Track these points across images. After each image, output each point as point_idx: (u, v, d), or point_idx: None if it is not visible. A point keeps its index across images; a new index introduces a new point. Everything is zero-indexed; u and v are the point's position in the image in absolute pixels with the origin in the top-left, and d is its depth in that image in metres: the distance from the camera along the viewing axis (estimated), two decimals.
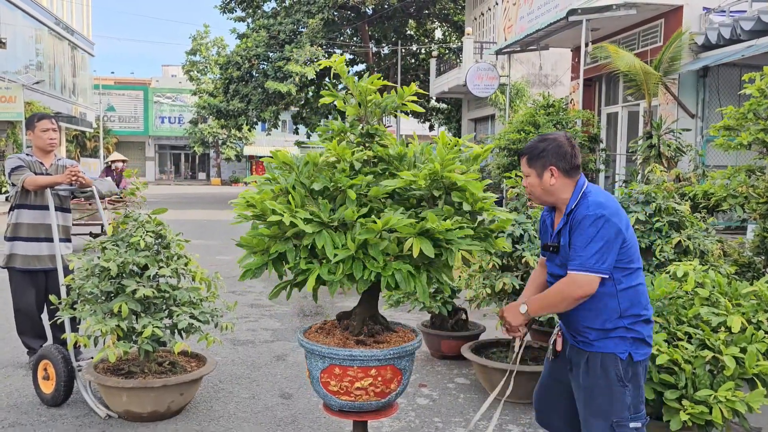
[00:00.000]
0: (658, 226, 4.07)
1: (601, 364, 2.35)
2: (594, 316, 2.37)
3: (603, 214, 2.27)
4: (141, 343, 3.28)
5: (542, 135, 2.51)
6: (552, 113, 11.43)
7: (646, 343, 2.38)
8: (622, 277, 2.34)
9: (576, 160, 2.45)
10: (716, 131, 7.18)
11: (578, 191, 2.41)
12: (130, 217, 3.60)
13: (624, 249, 2.32)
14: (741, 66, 11.40)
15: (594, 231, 2.26)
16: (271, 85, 20.94)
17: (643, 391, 2.42)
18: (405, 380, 2.44)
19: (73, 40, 31.38)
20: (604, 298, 2.33)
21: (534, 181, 2.45)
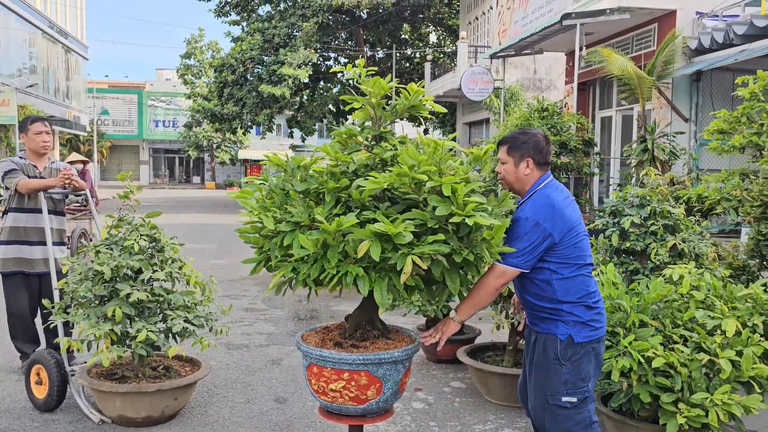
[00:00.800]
0: (653, 230, 4.08)
1: (544, 343, 2.62)
2: (535, 298, 2.63)
3: (534, 219, 2.53)
4: (135, 348, 3.26)
5: (523, 128, 2.81)
6: (546, 117, 11.44)
7: (588, 327, 2.57)
8: (560, 269, 2.57)
9: (548, 156, 2.73)
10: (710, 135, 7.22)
11: (533, 188, 2.66)
12: (124, 221, 3.58)
13: (563, 247, 2.56)
14: (734, 70, 11.46)
15: (521, 232, 2.53)
16: (265, 88, 20.91)
17: (587, 370, 2.57)
18: (386, 389, 2.38)
19: (66, 43, 31.28)
20: (541, 284, 2.60)
21: (510, 169, 2.70)
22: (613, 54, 10.79)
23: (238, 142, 43.80)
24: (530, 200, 2.62)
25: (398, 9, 24.35)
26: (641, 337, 2.97)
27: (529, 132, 2.76)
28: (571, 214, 2.62)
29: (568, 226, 2.57)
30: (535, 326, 2.71)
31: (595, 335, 2.59)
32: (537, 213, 2.55)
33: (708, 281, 3.41)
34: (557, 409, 2.57)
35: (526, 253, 2.53)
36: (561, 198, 2.64)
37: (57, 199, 4.32)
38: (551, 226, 2.53)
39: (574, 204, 2.72)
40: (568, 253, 2.58)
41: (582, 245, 2.62)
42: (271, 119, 23.52)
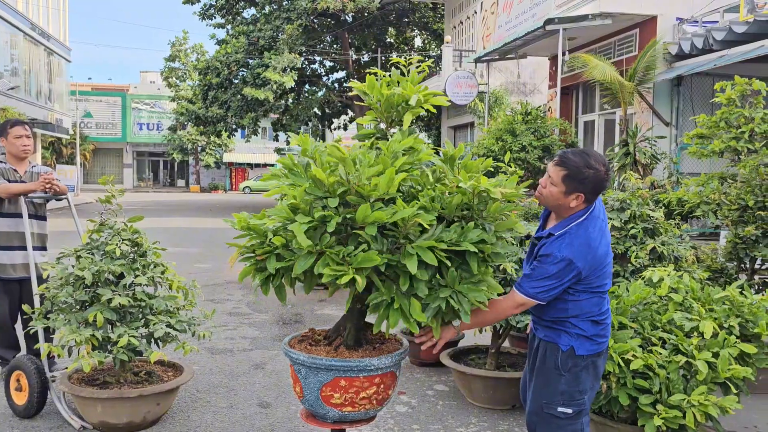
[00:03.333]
0: (633, 233, 4.13)
1: (546, 351, 2.57)
2: (545, 310, 2.56)
3: (569, 259, 2.39)
4: (116, 353, 3.24)
5: (588, 156, 2.48)
6: (530, 121, 11.54)
7: (591, 341, 2.52)
8: (579, 294, 2.49)
9: (602, 192, 2.52)
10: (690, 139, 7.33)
11: (574, 219, 2.47)
12: (105, 225, 3.56)
13: (588, 279, 2.45)
14: (714, 75, 11.62)
15: (554, 269, 2.41)
16: (249, 92, 20.86)
17: (585, 383, 2.53)
18: (391, 391, 2.38)
19: (49, 45, 30.95)
20: (555, 301, 2.51)
21: (557, 194, 2.47)
22: (594, 60, 10.92)
23: (222, 145, 43.61)
24: (568, 235, 2.45)
25: (383, 13, 24.41)
26: (620, 340, 3.01)
27: (595, 165, 2.43)
28: (603, 249, 2.49)
29: (598, 263, 2.47)
30: (539, 331, 2.65)
31: (597, 349, 2.55)
32: (574, 252, 2.40)
33: (686, 284, 3.47)
34: (551, 419, 2.54)
35: (552, 289, 2.45)
36: (597, 232, 2.48)
37: (38, 203, 4.29)
38: (583, 264, 2.42)
39: (607, 233, 2.59)
40: (591, 283, 2.49)
41: (605, 274, 2.53)
42: (256, 122, 23.44)
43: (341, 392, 2.27)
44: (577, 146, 12.97)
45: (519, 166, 10.39)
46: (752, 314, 3.33)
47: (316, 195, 2.20)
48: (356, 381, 2.26)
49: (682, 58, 11.48)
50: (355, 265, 2.08)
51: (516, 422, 3.85)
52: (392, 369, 2.36)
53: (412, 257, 2.09)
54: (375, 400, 2.33)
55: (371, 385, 2.29)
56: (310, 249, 2.12)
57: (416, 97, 2.51)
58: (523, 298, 2.46)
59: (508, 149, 10.65)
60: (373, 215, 2.08)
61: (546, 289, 2.43)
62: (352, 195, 2.16)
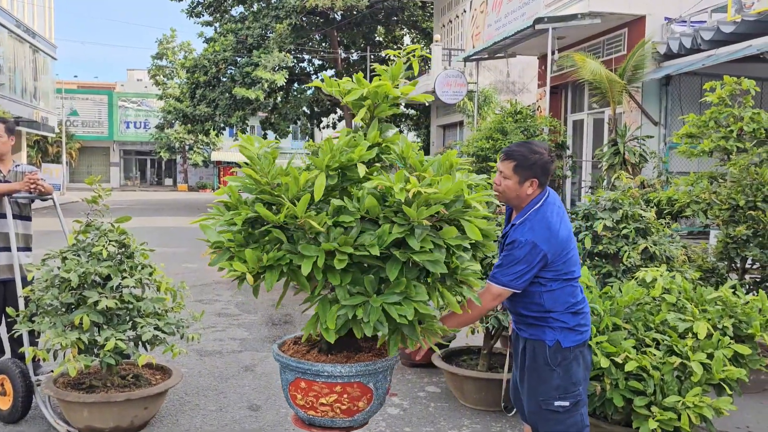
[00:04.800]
0: (625, 233, 4.12)
1: (534, 349, 2.62)
2: (523, 306, 2.64)
3: (532, 242, 2.51)
4: (103, 356, 3.17)
5: (530, 144, 2.66)
6: (520, 120, 11.54)
7: (574, 332, 2.60)
8: (549, 283, 2.58)
9: (551, 175, 2.70)
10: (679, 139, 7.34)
11: (531, 206, 2.61)
12: (92, 226, 3.49)
13: (555, 265, 2.55)
14: (702, 75, 11.68)
15: (520, 254, 2.51)
16: (239, 91, 20.75)
17: (578, 374, 2.59)
18: (376, 399, 2.31)
19: (34, 42, 30.60)
20: (529, 295, 2.60)
21: (512, 186, 2.62)
22: (585, 58, 10.93)
23: (211, 143, 43.35)
24: (528, 221, 2.58)
25: (372, 11, 24.35)
26: (614, 341, 2.99)
27: (538, 150, 2.63)
28: (564, 233, 2.61)
29: (561, 246, 2.58)
30: (522, 332, 2.70)
31: (581, 339, 2.63)
32: (535, 235, 2.53)
33: (679, 284, 3.46)
34: (550, 414, 2.59)
35: (523, 274, 2.53)
36: (556, 217, 2.62)
37: (23, 203, 4.20)
38: (547, 247, 2.53)
39: (566, 218, 2.70)
40: (558, 269, 2.58)
41: (571, 260, 2.62)
42: (244, 121, 23.31)
43: (302, 394, 2.27)
44: (567, 145, 13.00)
45: None
46: (745, 315, 3.32)
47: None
48: (315, 385, 2.24)
49: (671, 57, 11.53)
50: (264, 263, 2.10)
51: (509, 424, 3.83)
52: (358, 380, 2.26)
53: (306, 259, 2.06)
54: (339, 410, 2.27)
55: (330, 392, 2.23)
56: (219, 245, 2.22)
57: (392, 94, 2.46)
58: (498, 288, 2.54)
59: (498, 148, 10.65)
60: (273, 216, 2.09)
61: (518, 274, 2.51)
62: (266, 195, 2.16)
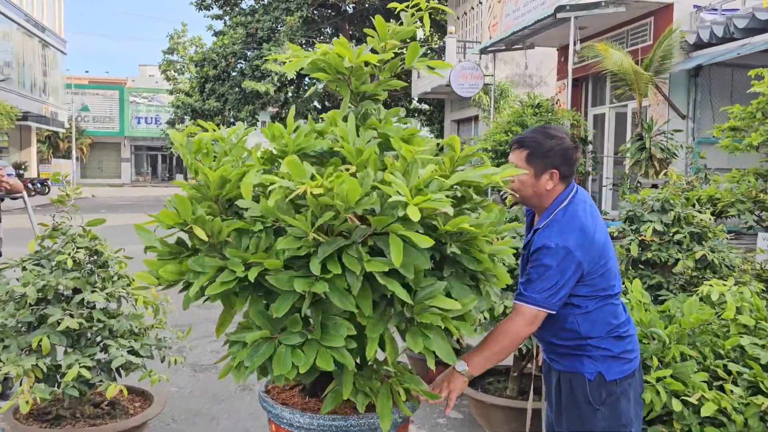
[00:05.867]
0: (678, 238, 3.56)
1: (570, 384, 2.15)
2: (552, 334, 2.16)
3: (565, 247, 2.03)
4: (65, 387, 2.67)
5: (545, 129, 2.21)
6: (540, 113, 10.95)
7: (620, 360, 2.12)
8: (585, 302, 2.11)
9: (576, 165, 2.22)
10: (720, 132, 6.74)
11: (556, 205, 2.14)
12: (59, 230, 2.99)
13: (591, 278, 2.08)
14: (733, 66, 11.05)
15: (552, 262, 2.03)
16: (248, 84, 20.28)
17: (627, 412, 2.12)
18: None
19: (43, 37, 30.34)
20: (560, 320, 2.12)
21: (528, 180, 2.14)
22: (609, 48, 10.32)
23: None
24: (555, 223, 2.09)
25: (384, 3, 23.78)
26: (682, 375, 2.44)
27: (555, 134, 2.17)
28: (601, 237, 2.12)
29: (598, 254, 2.09)
30: (555, 363, 2.22)
31: (629, 368, 2.14)
32: (567, 239, 2.04)
33: (749, 300, 2.90)
34: None
35: (559, 289, 2.03)
36: (589, 217, 2.13)
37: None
38: (583, 254, 2.04)
39: (600, 219, 2.21)
40: (596, 284, 2.10)
41: (611, 272, 2.14)
42: (254, 116, 22.87)
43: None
44: (589, 140, 12.40)
45: None
46: None
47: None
48: (281, 430, 1.85)
49: (700, 47, 10.88)
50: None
51: None
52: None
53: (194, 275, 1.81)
54: None
55: None
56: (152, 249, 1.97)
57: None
58: (531, 309, 2.04)
59: None
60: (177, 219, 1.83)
61: (552, 290, 2.02)
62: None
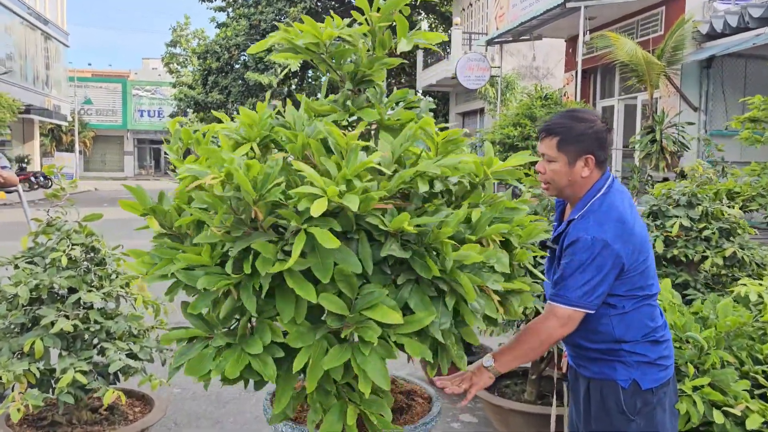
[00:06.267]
0: (707, 234, 3.37)
1: (601, 392, 1.99)
2: (583, 336, 1.99)
3: (602, 239, 1.86)
4: (59, 393, 2.51)
5: (573, 112, 2.04)
6: (548, 105, 10.74)
7: (656, 367, 1.96)
8: (621, 302, 1.95)
9: (610, 149, 2.05)
10: (739, 124, 6.53)
11: (592, 194, 1.97)
12: (53, 226, 2.82)
13: (630, 275, 1.92)
14: (746, 56, 10.82)
15: (587, 257, 1.87)
16: (251, 76, 20.09)
17: (663, 423, 1.96)
18: None
19: (46, 29, 30.13)
20: (593, 321, 1.95)
21: (561, 169, 1.97)
22: (621, 38, 10.10)
23: None
24: (591, 213, 1.93)
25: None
26: (722, 382, 2.27)
27: (586, 118, 1.99)
28: (640, 230, 1.96)
29: (638, 248, 1.93)
30: (584, 369, 2.05)
31: (665, 376, 1.98)
32: (605, 230, 1.88)
33: None
34: None
35: (596, 286, 1.86)
36: (627, 208, 1.97)
37: None
38: (622, 247, 1.88)
39: (637, 213, 2.05)
40: (634, 283, 1.94)
41: (649, 270, 1.98)
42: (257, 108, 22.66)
43: None
44: None
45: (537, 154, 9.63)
46: None
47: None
48: None
49: (714, 37, 10.66)
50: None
51: None
52: None
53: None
54: None
55: None
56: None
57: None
58: (566, 309, 1.88)
59: (527, 135, 9.87)
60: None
61: (590, 286, 1.86)
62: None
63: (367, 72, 1.84)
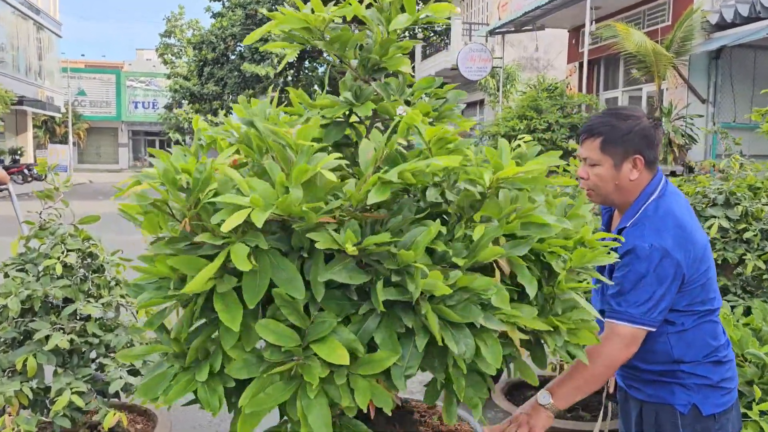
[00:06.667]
0: (749, 236, 3.17)
1: (656, 417, 1.81)
2: (637, 356, 1.76)
3: (661, 247, 1.68)
4: (54, 416, 2.28)
5: (615, 110, 1.86)
6: (554, 97, 10.52)
7: (719, 390, 1.78)
8: (681, 318, 1.76)
9: (659, 148, 1.86)
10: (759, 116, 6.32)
11: (644, 199, 1.78)
12: (46, 230, 2.58)
13: (691, 287, 1.73)
14: (755, 47, 10.62)
15: (647, 268, 1.68)
16: (247, 67, 19.81)
17: None
18: None
19: (38, 19, 29.69)
20: (649, 339, 1.75)
21: (607, 173, 1.78)
22: (629, 29, 9.88)
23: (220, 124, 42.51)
24: (646, 219, 1.75)
25: None
26: None
27: (632, 114, 1.82)
28: (701, 237, 1.78)
29: (699, 257, 1.75)
30: (636, 391, 1.87)
31: (729, 401, 1.81)
32: (663, 238, 1.69)
33: None
34: None
35: (659, 300, 1.68)
36: (685, 212, 1.78)
37: None
38: (682, 256, 1.69)
39: (696, 219, 1.86)
40: (695, 297, 1.75)
41: (711, 282, 1.81)
42: None
43: None
44: None
45: (545, 147, 9.43)
46: None
47: None
48: None
49: (723, 28, 10.44)
50: None
51: None
52: None
53: None
54: None
55: None
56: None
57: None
58: (628, 327, 1.69)
59: (533, 128, 9.65)
60: None
61: (653, 302, 1.67)
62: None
63: (378, 59, 1.55)
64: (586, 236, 1.38)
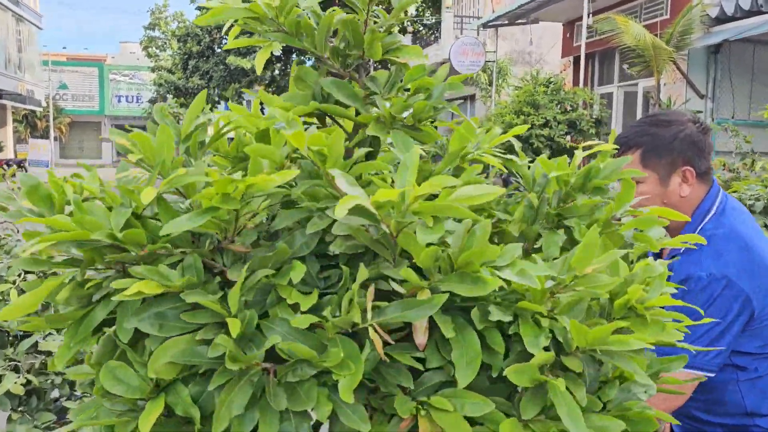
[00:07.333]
0: None
1: None
2: (701, 407, 1.53)
3: (724, 275, 1.41)
4: None
5: (656, 116, 1.64)
6: (552, 92, 10.24)
7: None
8: (752, 360, 1.50)
9: (711, 156, 1.59)
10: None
11: (701, 217, 1.51)
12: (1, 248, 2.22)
13: (760, 327, 1.46)
14: (755, 42, 10.40)
15: (704, 300, 1.41)
16: (233, 60, 19.38)
17: None
18: None
19: (18, 11, 28.99)
20: (718, 387, 1.50)
21: (652, 190, 1.52)
22: (628, 22, 9.62)
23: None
24: (696, 253, 1.45)
25: None
26: None
27: (674, 119, 1.56)
28: None
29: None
30: None
31: None
32: (725, 263, 1.42)
33: None
34: None
35: (719, 336, 1.41)
36: (750, 230, 1.50)
37: None
38: (750, 285, 1.41)
39: (761, 232, 1.56)
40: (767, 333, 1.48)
41: None
42: (239, 94, 21.99)
43: None
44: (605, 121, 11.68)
45: (542, 144, 9.15)
46: None
47: None
48: None
49: (723, 21, 10.20)
50: None
51: None
52: None
53: None
54: None
55: None
56: None
57: None
58: (684, 372, 1.40)
59: (531, 124, 9.36)
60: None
61: (710, 337, 1.40)
62: None
63: (353, 53, 1.15)
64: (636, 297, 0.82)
